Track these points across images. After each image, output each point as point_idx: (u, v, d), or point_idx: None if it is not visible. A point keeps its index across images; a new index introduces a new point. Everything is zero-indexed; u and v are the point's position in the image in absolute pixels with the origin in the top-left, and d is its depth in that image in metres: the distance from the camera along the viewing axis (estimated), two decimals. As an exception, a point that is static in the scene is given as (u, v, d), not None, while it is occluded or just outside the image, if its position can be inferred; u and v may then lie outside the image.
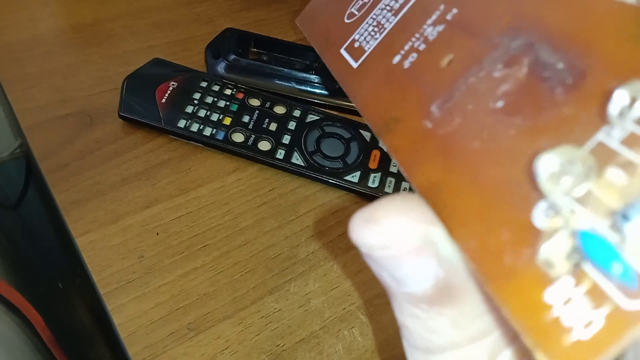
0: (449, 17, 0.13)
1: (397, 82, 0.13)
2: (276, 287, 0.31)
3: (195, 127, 0.36)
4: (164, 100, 0.37)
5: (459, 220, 0.10)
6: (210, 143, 0.36)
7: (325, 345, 0.29)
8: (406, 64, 0.13)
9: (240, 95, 0.38)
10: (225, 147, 0.36)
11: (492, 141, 0.10)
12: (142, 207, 0.33)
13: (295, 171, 0.36)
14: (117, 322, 0.28)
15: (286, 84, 0.40)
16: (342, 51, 0.16)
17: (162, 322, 0.29)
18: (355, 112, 0.40)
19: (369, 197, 0.35)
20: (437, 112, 0.12)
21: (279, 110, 0.38)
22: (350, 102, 0.41)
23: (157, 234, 0.32)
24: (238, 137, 0.36)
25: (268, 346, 0.29)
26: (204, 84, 0.38)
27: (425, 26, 0.13)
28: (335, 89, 0.40)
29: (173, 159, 0.36)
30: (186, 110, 0.36)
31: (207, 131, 0.36)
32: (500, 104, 0.10)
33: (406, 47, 0.13)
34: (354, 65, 0.15)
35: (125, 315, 0.29)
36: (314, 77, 0.40)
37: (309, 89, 0.40)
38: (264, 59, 0.42)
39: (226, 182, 0.35)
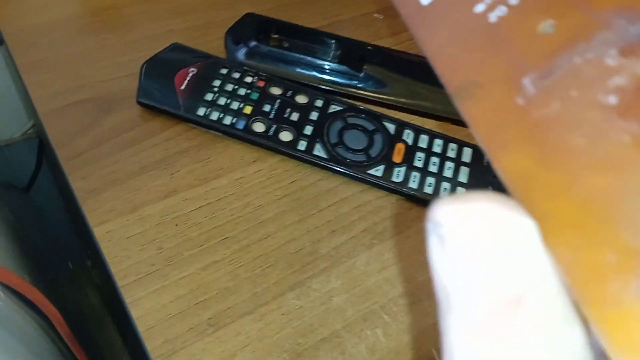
0: None
1: (479, 39, 0.11)
2: (297, 283, 0.30)
3: (215, 116, 0.35)
4: (183, 87, 0.36)
5: (552, 227, 0.09)
6: (230, 132, 0.35)
7: (348, 345, 0.28)
8: (492, 18, 0.11)
9: (261, 84, 0.37)
10: (246, 137, 0.35)
11: (601, 143, 0.09)
12: (160, 197, 0.32)
13: (317, 163, 0.34)
14: (136, 316, 0.28)
15: (308, 72, 0.39)
16: None
17: (181, 316, 0.28)
18: (379, 104, 0.39)
19: (393, 191, 0.34)
20: (530, 87, 0.10)
21: (301, 99, 0.37)
22: (375, 93, 0.40)
23: (176, 225, 0.31)
24: (259, 127, 0.35)
25: (289, 344, 0.28)
26: (224, 71, 0.37)
27: None
28: (358, 78, 0.39)
29: (192, 147, 0.35)
30: (206, 98, 0.35)
31: (227, 120, 0.35)
32: (612, 99, 0.09)
33: None
34: (424, 1, 0.13)
35: (144, 308, 0.28)
36: (337, 66, 0.39)
37: (331, 78, 0.39)
38: (286, 45, 0.41)
39: (246, 173, 0.34)
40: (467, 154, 0.36)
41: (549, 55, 0.10)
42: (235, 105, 0.36)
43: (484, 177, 0.35)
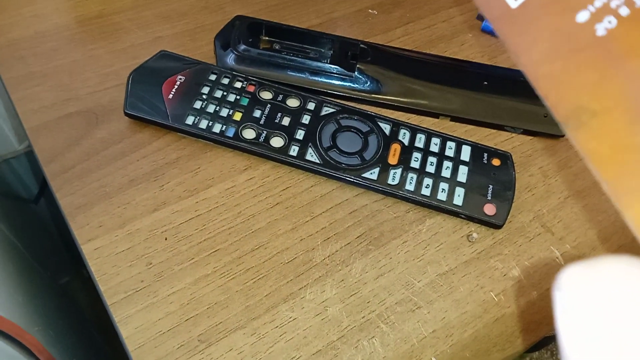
0: None
1: (589, 55, 0.10)
2: (291, 294, 0.29)
3: (204, 124, 0.34)
4: (171, 96, 0.35)
5: None
6: (220, 140, 0.34)
7: (344, 357, 0.27)
8: (599, 30, 0.10)
9: (251, 88, 0.36)
10: (236, 145, 0.34)
11: None
12: (150, 211, 0.31)
13: (310, 168, 0.34)
14: (125, 335, 0.27)
15: (299, 74, 0.38)
16: None
17: (171, 333, 0.27)
18: (374, 104, 0.38)
19: (389, 194, 0.33)
20: None
21: (292, 103, 0.36)
22: (370, 93, 0.39)
23: (166, 238, 0.30)
24: (249, 134, 0.34)
25: (283, 358, 0.27)
26: (212, 77, 0.36)
27: None
28: (351, 78, 0.38)
29: (182, 158, 0.34)
30: (194, 106, 0.35)
31: (217, 128, 0.34)
32: None
33: (597, 4, 0.10)
34: (513, 4, 0.11)
35: (133, 326, 0.27)
36: (329, 67, 0.38)
37: (324, 79, 0.38)
38: (276, 47, 0.40)
39: (237, 182, 0.33)
40: (466, 152, 0.35)
41: None
42: (224, 112, 0.35)
43: (483, 176, 0.34)
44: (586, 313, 0.10)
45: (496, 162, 0.34)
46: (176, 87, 0.35)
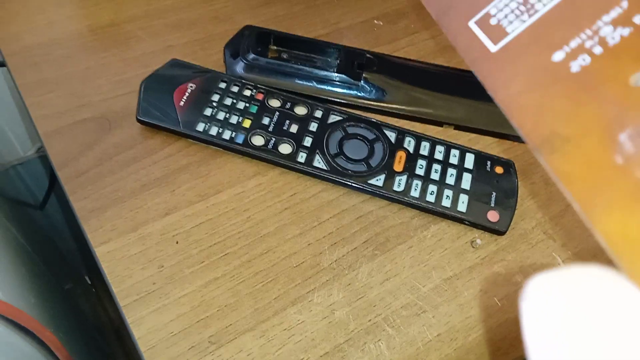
0: (637, 20, 0.10)
1: (563, 88, 0.10)
2: (299, 297, 0.30)
3: (214, 131, 0.35)
4: (182, 103, 0.36)
5: None
6: (229, 147, 0.35)
7: None
8: (574, 67, 0.10)
9: (260, 96, 0.37)
10: (245, 151, 0.35)
11: None
12: (161, 215, 0.32)
13: (317, 175, 0.34)
14: (137, 336, 0.28)
15: (307, 83, 0.39)
16: (472, 24, 0.13)
17: (182, 335, 0.28)
18: (379, 112, 0.39)
19: (395, 201, 0.34)
20: (629, 144, 0.09)
21: (300, 111, 0.37)
22: (375, 101, 0.40)
23: (177, 242, 0.31)
24: (258, 140, 0.35)
25: (291, 360, 0.28)
26: (222, 85, 0.37)
27: (600, 23, 0.10)
28: (357, 87, 0.39)
29: (192, 163, 0.35)
30: (205, 113, 0.35)
31: (227, 134, 0.35)
32: None
33: (572, 44, 0.11)
34: (492, 48, 0.12)
35: (146, 328, 0.28)
36: (336, 76, 0.39)
37: (331, 87, 0.39)
38: (284, 57, 0.41)
39: (246, 187, 0.34)
40: (469, 160, 0.35)
41: None
42: (234, 120, 0.36)
43: (487, 184, 0.34)
44: (551, 322, 0.10)
45: (499, 170, 0.35)
46: (187, 94, 0.36)
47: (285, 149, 0.35)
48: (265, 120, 0.36)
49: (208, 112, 0.36)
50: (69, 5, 0.44)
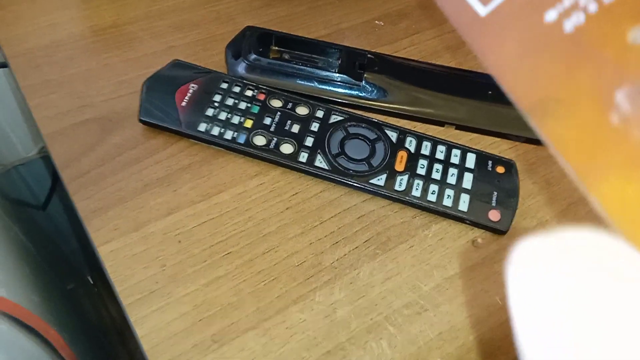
0: None
1: (556, 50, 0.10)
2: (301, 296, 0.30)
3: (216, 131, 0.35)
4: (184, 104, 0.36)
5: None
6: (231, 147, 0.35)
7: (352, 358, 0.28)
8: (568, 27, 0.10)
9: (262, 97, 0.37)
10: (247, 151, 0.35)
11: None
12: (163, 214, 0.32)
13: (318, 175, 0.34)
14: (140, 334, 0.28)
15: (308, 83, 0.39)
16: None
17: (185, 333, 0.28)
18: (381, 112, 0.39)
19: (396, 200, 0.34)
20: (627, 103, 0.09)
21: (302, 111, 0.37)
22: (377, 101, 0.40)
23: (179, 241, 0.31)
24: (260, 140, 0.35)
25: (293, 359, 0.28)
26: (224, 86, 0.37)
27: None
28: (359, 87, 0.39)
29: (194, 163, 0.35)
30: (206, 114, 0.36)
31: (228, 134, 0.35)
32: None
33: (566, 3, 0.10)
34: (481, 11, 0.12)
35: (149, 326, 0.28)
36: (338, 76, 0.39)
37: (332, 88, 0.39)
38: (286, 57, 0.41)
39: (248, 187, 0.34)
40: (470, 160, 0.36)
41: None
42: (236, 120, 0.36)
43: (488, 183, 0.34)
44: (537, 286, 0.09)
45: (500, 169, 0.35)
46: (189, 95, 0.36)
47: (286, 148, 0.35)
48: (267, 121, 0.36)
49: (210, 112, 0.36)
50: (71, 6, 0.44)
